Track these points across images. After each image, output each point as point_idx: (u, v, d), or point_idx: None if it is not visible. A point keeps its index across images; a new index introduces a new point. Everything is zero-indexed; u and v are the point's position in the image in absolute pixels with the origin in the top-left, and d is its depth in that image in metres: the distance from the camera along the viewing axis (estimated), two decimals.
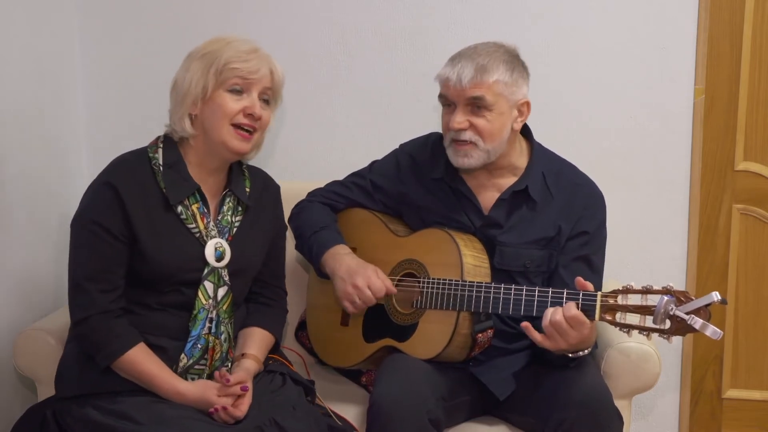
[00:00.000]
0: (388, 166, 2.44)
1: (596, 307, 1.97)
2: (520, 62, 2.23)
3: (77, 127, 2.92)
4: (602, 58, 2.83)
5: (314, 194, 2.49)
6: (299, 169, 2.90)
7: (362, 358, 2.32)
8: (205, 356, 2.05)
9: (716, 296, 1.83)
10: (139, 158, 2.06)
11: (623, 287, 1.95)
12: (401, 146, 2.47)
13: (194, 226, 2.05)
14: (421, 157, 2.38)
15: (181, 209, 2.04)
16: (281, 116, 2.86)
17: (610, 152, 2.85)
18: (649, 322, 1.91)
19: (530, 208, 2.26)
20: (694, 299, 1.87)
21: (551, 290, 2.05)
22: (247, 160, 2.20)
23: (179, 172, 2.05)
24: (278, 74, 2.09)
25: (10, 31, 2.51)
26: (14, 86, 2.52)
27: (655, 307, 1.89)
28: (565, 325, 1.98)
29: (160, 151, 2.07)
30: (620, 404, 2.17)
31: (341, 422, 2.14)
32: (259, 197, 2.19)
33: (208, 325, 2.05)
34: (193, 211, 2.05)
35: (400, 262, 2.29)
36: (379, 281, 2.22)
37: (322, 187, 2.51)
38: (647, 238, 2.89)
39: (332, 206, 2.45)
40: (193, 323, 2.03)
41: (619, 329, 1.96)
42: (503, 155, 2.24)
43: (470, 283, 2.14)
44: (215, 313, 2.06)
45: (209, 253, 2.05)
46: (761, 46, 2.81)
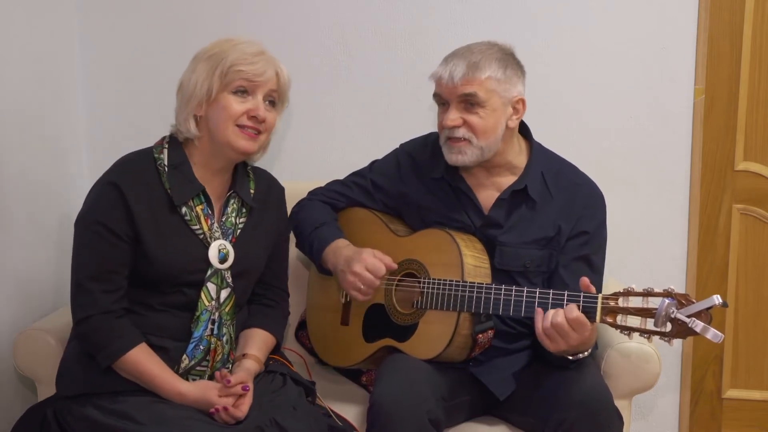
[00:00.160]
0: (388, 165, 2.44)
1: (597, 309, 1.97)
2: (514, 60, 2.23)
3: (77, 127, 2.91)
4: (602, 58, 2.82)
5: (315, 193, 2.49)
6: (299, 169, 2.90)
7: (362, 357, 2.32)
8: (206, 358, 2.05)
9: (717, 299, 1.83)
10: (144, 158, 2.06)
11: (624, 290, 1.95)
12: (401, 146, 2.47)
13: (198, 227, 2.05)
14: (421, 156, 2.38)
15: (185, 210, 2.04)
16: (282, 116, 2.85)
17: (610, 152, 2.85)
18: (650, 324, 1.91)
19: (530, 207, 2.26)
20: (695, 302, 1.87)
21: (552, 292, 2.05)
22: (252, 161, 2.20)
23: (184, 173, 2.05)
24: (284, 76, 2.08)
25: (9, 31, 2.50)
26: (14, 86, 2.52)
27: (656, 309, 1.89)
28: (566, 326, 1.98)
29: (165, 151, 2.06)
30: (620, 404, 2.17)
31: (341, 422, 2.14)
32: (263, 198, 2.18)
33: (210, 326, 2.05)
34: (197, 212, 2.05)
35: (400, 262, 2.29)
36: (375, 260, 2.21)
37: (322, 186, 2.51)
38: (647, 238, 2.89)
39: (333, 205, 2.45)
40: (195, 325, 2.03)
41: (620, 332, 1.96)
42: (500, 153, 2.23)
43: (471, 283, 2.14)
44: (217, 314, 2.06)
45: (213, 254, 2.05)
46: (761, 46, 2.81)
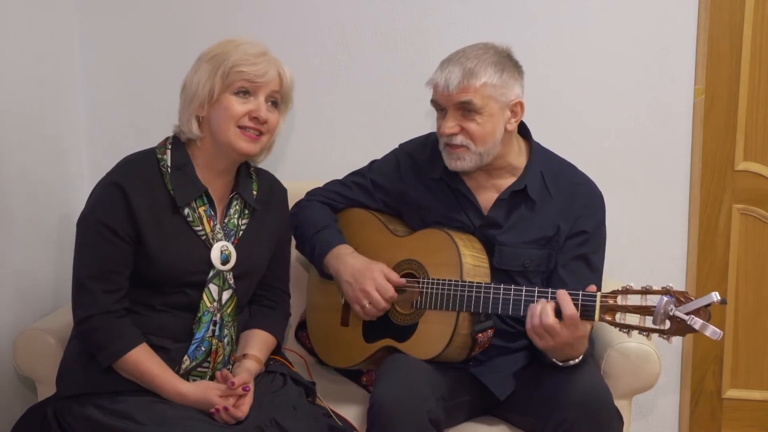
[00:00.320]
0: (388, 165, 2.44)
1: (596, 307, 1.97)
2: (511, 62, 2.21)
3: (77, 127, 2.91)
4: (602, 57, 2.82)
5: (313, 193, 2.48)
6: (299, 169, 2.89)
7: (362, 358, 2.32)
8: (208, 359, 2.05)
9: (716, 296, 1.83)
10: (147, 159, 2.06)
11: (623, 288, 1.95)
12: (401, 146, 2.47)
13: (201, 228, 2.05)
14: (420, 156, 2.38)
15: (188, 211, 2.04)
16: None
17: (610, 152, 2.85)
18: (648, 322, 1.91)
19: (529, 207, 2.26)
20: (693, 299, 1.86)
21: (551, 291, 2.05)
22: (256, 163, 2.20)
23: (187, 174, 2.05)
24: (287, 78, 2.08)
25: (9, 31, 2.50)
26: (14, 86, 2.52)
27: (654, 307, 1.89)
28: (556, 326, 1.98)
29: (168, 152, 2.06)
30: (620, 404, 2.17)
31: (342, 422, 2.14)
32: (265, 200, 2.18)
33: (212, 327, 2.05)
34: (200, 213, 2.05)
35: (399, 262, 2.29)
36: (385, 282, 2.21)
37: (320, 186, 2.51)
38: (647, 238, 2.88)
39: (331, 205, 2.45)
40: (197, 326, 2.03)
41: (618, 330, 1.96)
42: (500, 156, 2.23)
43: (470, 283, 2.14)
44: (219, 316, 2.06)
45: (215, 256, 2.05)
46: (761, 46, 2.81)
